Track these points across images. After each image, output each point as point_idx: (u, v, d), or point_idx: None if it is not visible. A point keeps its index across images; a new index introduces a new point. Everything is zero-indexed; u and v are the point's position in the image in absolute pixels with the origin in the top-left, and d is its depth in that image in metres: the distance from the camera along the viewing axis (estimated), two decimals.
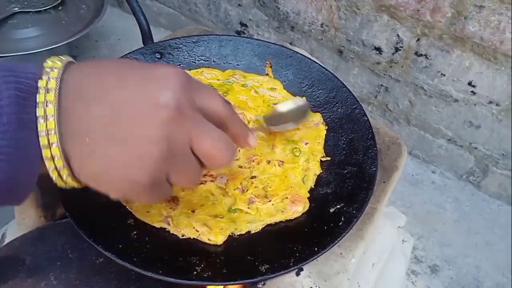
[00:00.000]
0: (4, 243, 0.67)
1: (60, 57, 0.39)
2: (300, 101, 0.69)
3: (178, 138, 0.38)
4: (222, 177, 0.60)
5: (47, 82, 0.36)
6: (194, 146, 0.39)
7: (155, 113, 0.37)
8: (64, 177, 0.38)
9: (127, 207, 0.57)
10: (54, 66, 0.37)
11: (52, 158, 0.37)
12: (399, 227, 0.95)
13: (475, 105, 1.17)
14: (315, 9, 1.26)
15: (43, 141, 0.36)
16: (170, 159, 0.38)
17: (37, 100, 0.36)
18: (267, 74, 0.76)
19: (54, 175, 0.38)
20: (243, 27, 1.47)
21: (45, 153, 0.36)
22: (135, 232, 0.54)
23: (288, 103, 0.68)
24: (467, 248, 1.20)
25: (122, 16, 1.66)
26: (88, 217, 0.54)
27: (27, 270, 0.58)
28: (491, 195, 1.31)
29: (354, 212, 0.56)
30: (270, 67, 0.76)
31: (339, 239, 0.53)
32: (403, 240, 1.01)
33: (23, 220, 0.66)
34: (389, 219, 0.91)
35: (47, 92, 0.36)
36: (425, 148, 1.35)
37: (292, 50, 0.76)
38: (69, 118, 0.36)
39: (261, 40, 0.78)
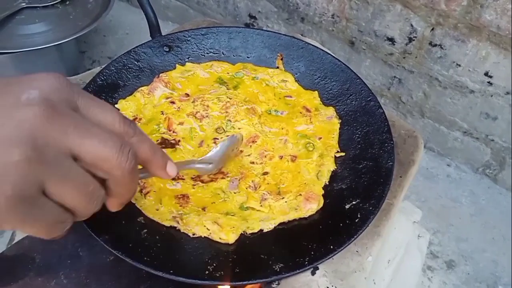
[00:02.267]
0: (14, 242, 0.66)
1: None
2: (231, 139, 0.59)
3: (48, 138, 0.31)
4: (233, 182, 0.58)
5: None
6: (77, 150, 0.32)
7: (15, 112, 0.31)
8: None
9: (136, 204, 0.55)
10: None
11: None
12: (415, 222, 0.93)
13: (491, 96, 1.14)
14: (325, 0, 1.23)
15: None
16: (41, 165, 0.31)
17: None
18: (278, 67, 0.74)
19: None
20: (252, 19, 1.45)
21: None
22: (145, 231, 0.53)
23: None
24: (484, 242, 1.17)
25: (130, 10, 1.65)
26: (98, 215, 0.52)
27: (37, 268, 0.57)
28: (508, 188, 1.28)
29: (370, 208, 0.54)
30: (281, 59, 0.74)
31: (355, 236, 0.52)
32: (418, 236, 0.99)
33: None
34: (405, 214, 0.89)
35: None
36: (440, 141, 1.32)
37: (303, 41, 0.74)
38: None
39: (271, 31, 0.76)
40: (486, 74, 1.11)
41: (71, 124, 0.32)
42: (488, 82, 1.12)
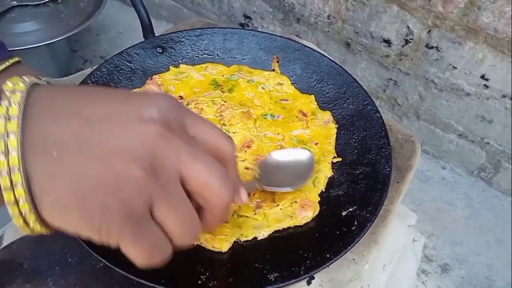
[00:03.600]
0: (2, 246, 0.64)
1: (24, 77, 0.32)
2: (304, 154, 0.58)
3: (165, 158, 0.31)
4: None
5: (7, 109, 0.30)
6: (185, 173, 0.32)
7: (137, 127, 0.31)
8: (31, 224, 0.31)
9: None
10: (16, 88, 0.31)
11: (16, 202, 0.30)
12: (410, 226, 0.92)
13: (487, 99, 1.13)
14: (321, 0, 1.22)
15: (4, 182, 0.29)
16: (154, 184, 0.31)
17: None
18: (274, 70, 0.73)
19: (18, 223, 0.31)
20: (247, 20, 1.44)
21: (7, 196, 0.30)
22: None
23: (288, 153, 0.59)
24: (478, 246, 1.17)
25: (123, 9, 1.62)
26: None
27: (24, 275, 0.55)
28: (503, 192, 1.27)
29: (367, 215, 0.53)
30: (277, 62, 0.72)
31: (352, 245, 0.50)
32: (413, 239, 0.98)
33: None
34: (400, 218, 0.88)
35: (8, 121, 0.29)
36: (435, 144, 1.31)
37: (300, 43, 0.73)
38: (33, 135, 0.30)
39: (267, 33, 0.74)
40: (482, 77, 1.11)
41: (184, 147, 0.32)
42: (484, 85, 1.12)
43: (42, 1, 1.16)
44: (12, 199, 0.30)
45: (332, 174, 0.60)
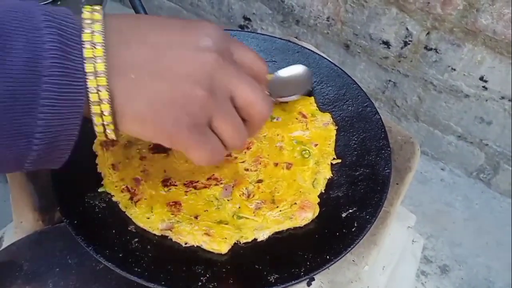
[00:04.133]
0: (2, 248, 0.64)
1: (94, 7, 0.37)
2: (300, 68, 0.69)
3: (220, 81, 0.38)
4: (227, 189, 0.57)
5: (92, 36, 0.35)
6: (235, 93, 0.40)
7: (197, 55, 0.37)
8: (109, 132, 0.38)
9: (126, 213, 0.54)
10: (93, 18, 0.36)
11: (101, 114, 0.36)
12: (409, 227, 0.92)
13: (486, 100, 1.14)
14: (321, 2, 1.22)
15: (93, 97, 0.35)
16: (213, 102, 0.38)
17: (84, 55, 0.34)
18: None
19: (99, 130, 0.38)
20: (247, 21, 1.44)
21: (95, 109, 0.36)
22: (136, 240, 0.51)
23: (288, 69, 0.68)
24: (477, 247, 1.17)
25: (123, 11, 1.63)
26: (87, 223, 0.51)
27: (24, 276, 0.56)
28: (502, 193, 1.28)
29: (367, 217, 0.53)
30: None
31: (352, 246, 0.50)
32: (413, 241, 0.98)
33: (21, 223, 0.64)
34: (399, 219, 0.88)
35: (94, 47, 0.34)
36: (434, 145, 1.32)
37: (299, 45, 0.73)
38: (113, 60, 0.35)
39: (266, 34, 0.74)
40: (481, 78, 1.11)
41: (233, 71, 0.39)
42: (483, 87, 1.12)
43: (42, 3, 1.16)
44: (99, 111, 0.36)
45: (332, 175, 0.60)
